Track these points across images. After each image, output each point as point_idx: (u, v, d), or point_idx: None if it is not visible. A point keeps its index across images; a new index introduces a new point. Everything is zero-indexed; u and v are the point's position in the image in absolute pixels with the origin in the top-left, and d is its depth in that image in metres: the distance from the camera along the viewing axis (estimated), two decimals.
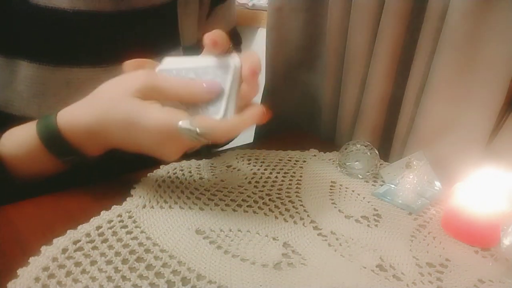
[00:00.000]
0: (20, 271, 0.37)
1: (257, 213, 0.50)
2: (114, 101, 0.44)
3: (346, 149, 0.62)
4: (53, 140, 0.46)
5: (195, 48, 0.64)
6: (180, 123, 0.41)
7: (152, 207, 0.49)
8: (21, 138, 0.47)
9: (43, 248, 0.40)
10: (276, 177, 0.59)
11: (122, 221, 0.46)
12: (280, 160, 0.63)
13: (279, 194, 0.55)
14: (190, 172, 0.57)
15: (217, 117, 0.43)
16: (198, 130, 0.41)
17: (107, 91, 0.45)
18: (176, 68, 0.46)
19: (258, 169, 0.60)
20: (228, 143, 0.47)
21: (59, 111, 0.46)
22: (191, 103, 0.45)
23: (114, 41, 0.55)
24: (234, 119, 0.44)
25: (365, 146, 0.61)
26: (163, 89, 0.44)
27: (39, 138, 0.46)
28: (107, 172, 0.53)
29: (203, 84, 0.43)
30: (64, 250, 0.40)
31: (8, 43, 0.50)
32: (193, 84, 0.44)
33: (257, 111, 0.45)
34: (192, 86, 0.44)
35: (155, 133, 0.43)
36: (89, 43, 0.54)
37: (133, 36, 0.57)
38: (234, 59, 0.44)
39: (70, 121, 0.46)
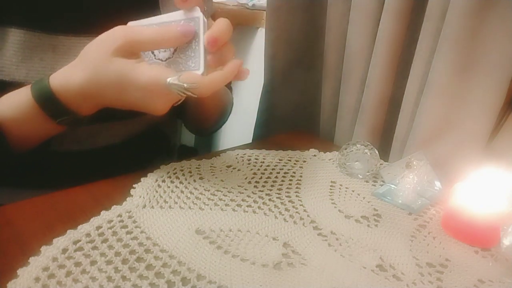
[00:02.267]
0: (20, 271, 0.37)
1: (257, 213, 0.50)
2: (102, 62, 0.46)
3: (346, 149, 0.62)
4: (48, 101, 0.48)
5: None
6: (169, 79, 0.45)
7: (152, 207, 0.49)
8: (17, 103, 0.49)
9: (43, 248, 0.40)
10: (276, 177, 0.59)
11: (122, 221, 0.46)
12: (280, 160, 0.64)
13: (279, 194, 0.55)
14: (190, 172, 0.57)
15: (199, 71, 0.47)
16: (185, 85, 0.45)
17: (92, 52, 0.48)
18: (147, 23, 0.49)
19: (258, 169, 0.60)
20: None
21: (51, 75, 0.48)
22: (172, 61, 0.49)
23: (97, 11, 0.57)
24: (216, 74, 0.47)
25: (365, 146, 0.61)
26: (141, 41, 0.47)
27: (35, 100, 0.48)
28: (107, 172, 0.53)
29: (177, 28, 0.47)
30: (64, 250, 0.40)
31: None
32: (167, 29, 0.47)
33: (235, 66, 0.48)
34: (167, 32, 0.47)
35: (145, 90, 0.46)
36: (74, 12, 0.56)
37: (116, 6, 0.59)
38: (199, 12, 0.48)
39: (63, 83, 0.48)
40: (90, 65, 0.47)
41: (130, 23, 0.50)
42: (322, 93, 0.79)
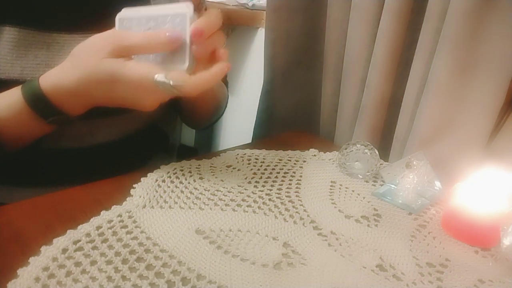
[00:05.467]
0: (20, 271, 0.37)
1: (257, 213, 0.50)
2: (92, 63, 0.48)
3: (346, 149, 0.62)
4: (38, 101, 0.48)
5: None
6: (156, 76, 0.46)
7: (152, 207, 0.49)
8: (8, 102, 0.49)
9: (43, 248, 0.40)
10: (276, 177, 0.59)
11: (122, 221, 0.46)
12: (280, 160, 0.63)
13: (279, 194, 0.55)
14: (190, 172, 0.57)
15: (184, 66, 0.48)
16: (171, 82, 0.46)
17: (83, 54, 0.49)
18: (136, 16, 0.50)
19: (258, 169, 0.60)
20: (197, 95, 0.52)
21: (41, 76, 0.49)
22: (159, 54, 0.50)
23: (90, 9, 0.58)
24: (204, 75, 0.48)
25: (365, 146, 0.61)
26: (130, 47, 0.48)
27: (25, 100, 0.48)
28: (106, 170, 0.53)
29: (165, 35, 0.48)
30: (64, 250, 0.40)
31: None
32: (156, 36, 0.48)
33: (223, 67, 0.49)
34: (156, 38, 0.48)
35: (134, 85, 0.48)
36: (67, 10, 0.56)
37: (109, 4, 0.59)
38: (189, 7, 0.48)
39: (53, 83, 0.49)
40: (81, 65, 0.48)
41: (120, 13, 0.51)
42: (322, 93, 0.80)
